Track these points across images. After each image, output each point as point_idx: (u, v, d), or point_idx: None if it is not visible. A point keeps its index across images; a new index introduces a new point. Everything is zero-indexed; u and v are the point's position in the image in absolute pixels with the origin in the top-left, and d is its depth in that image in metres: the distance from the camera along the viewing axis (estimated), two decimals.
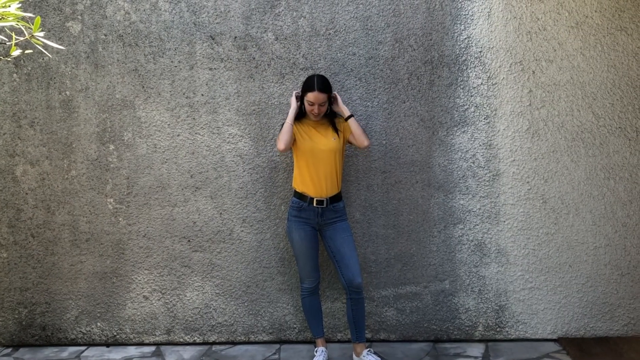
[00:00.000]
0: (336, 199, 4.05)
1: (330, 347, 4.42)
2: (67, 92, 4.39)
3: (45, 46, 4.22)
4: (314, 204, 4.00)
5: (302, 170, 4.02)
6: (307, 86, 3.93)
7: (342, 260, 4.02)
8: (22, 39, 2.34)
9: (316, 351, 4.21)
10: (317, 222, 4.03)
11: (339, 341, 4.55)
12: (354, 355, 4.19)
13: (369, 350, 4.15)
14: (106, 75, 4.37)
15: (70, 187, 4.46)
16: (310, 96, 3.90)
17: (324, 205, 4.00)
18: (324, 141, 3.99)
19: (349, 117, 4.01)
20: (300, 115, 4.05)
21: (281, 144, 3.93)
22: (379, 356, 4.15)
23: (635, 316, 4.47)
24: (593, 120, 4.34)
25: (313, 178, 3.98)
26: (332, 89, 4.02)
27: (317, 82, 3.91)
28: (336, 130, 4.05)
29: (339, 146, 4.03)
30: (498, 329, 4.51)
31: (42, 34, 2.29)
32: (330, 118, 4.08)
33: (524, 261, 4.45)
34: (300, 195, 4.03)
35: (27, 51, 2.78)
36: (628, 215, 4.40)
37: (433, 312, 4.52)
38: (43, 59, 4.34)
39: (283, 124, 4.02)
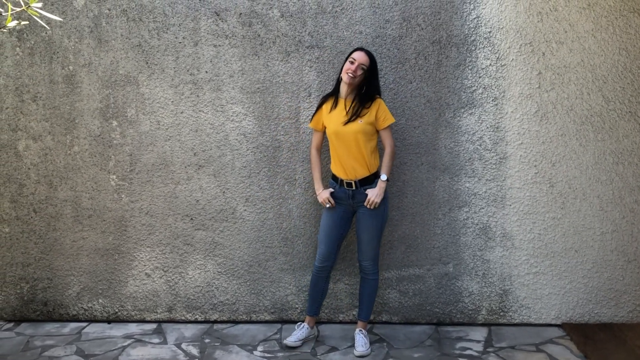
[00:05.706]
0: (367, 181, 4.00)
1: (331, 328, 4.41)
2: (70, 67, 4.34)
3: (46, 19, 4.18)
4: (345, 186, 4.02)
5: (332, 153, 4.07)
6: (355, 49, 3.97)
7: (359, 244, 4.10)
8: (18, 9, 2.29)
9: (297, 325, 4.24)
10: (349, 203, 4.05)
11: (340, 322, 4.53)
12: None
13: (360, 330, 4.15)
14: (110, 51, 4.32)
15: (72, 163, 4.43)
16: (355, 54, 3.90)
17: (354, 188, 3.99)
18: (348, 123, 3.92)
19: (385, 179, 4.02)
20: (332, 94, 4.07)
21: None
22: (367, 339, 4.11)
23: None
24: (603, 104, 4.26)
25: (341, 160, 4.01)
26: (377, 66, 4.02)
27: (365, 49, 3.97)
28: (360, 114, 3.94)
29: (365, 129, 3.92)
30: (501, 313, 4.48)
31: (39, 4, 2.25)
32: (361, 101, 3.94)
33: (529, 245, 4.40)
34: (333, 177, 4.09)
35: (22, 22, 2.72)
36: (636, 201, 4.34)
37: (436, 295, 4.49)
38: (46, 33, 4.29)
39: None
